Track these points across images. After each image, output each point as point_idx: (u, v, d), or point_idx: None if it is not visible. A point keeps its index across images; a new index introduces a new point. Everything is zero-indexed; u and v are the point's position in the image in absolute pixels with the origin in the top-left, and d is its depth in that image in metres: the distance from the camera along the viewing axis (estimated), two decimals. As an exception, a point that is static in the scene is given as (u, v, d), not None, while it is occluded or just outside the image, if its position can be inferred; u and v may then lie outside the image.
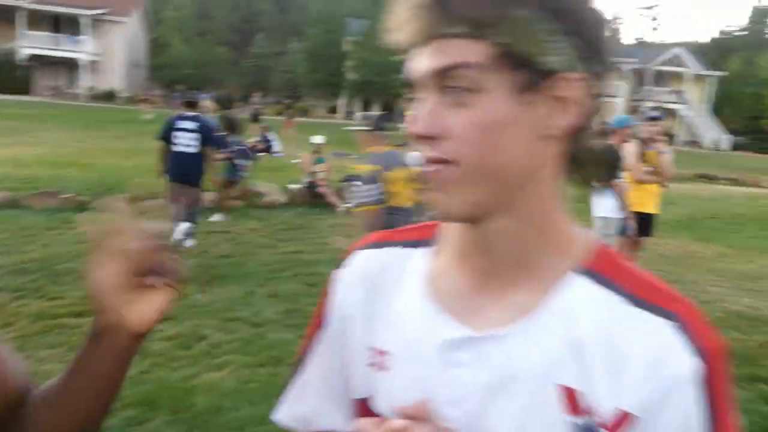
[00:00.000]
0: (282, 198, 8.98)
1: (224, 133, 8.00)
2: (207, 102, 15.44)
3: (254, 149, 13.95)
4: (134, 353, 0.72)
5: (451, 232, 0.68)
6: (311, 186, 9.11)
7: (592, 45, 0.58)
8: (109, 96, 32.97)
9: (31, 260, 5.29)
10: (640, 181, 5.36)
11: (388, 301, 0.69)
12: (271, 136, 14.65)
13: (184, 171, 6.08)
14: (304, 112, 30.90)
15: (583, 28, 0.57)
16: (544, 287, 0.62)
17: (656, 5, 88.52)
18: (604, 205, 5.20)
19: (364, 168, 3.60)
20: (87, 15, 33.76)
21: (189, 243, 6.46)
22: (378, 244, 0.74)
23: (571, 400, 0.59)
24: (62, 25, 34.43)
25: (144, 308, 0.69)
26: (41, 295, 4.50)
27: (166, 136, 6.13)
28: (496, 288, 0.64)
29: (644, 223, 5.38)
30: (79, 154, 11.00)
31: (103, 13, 34.21)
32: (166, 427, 2.90)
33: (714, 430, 0.58)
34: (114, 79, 34.89)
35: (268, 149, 14.11)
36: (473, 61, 0.55)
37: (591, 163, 0.63)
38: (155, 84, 39.33)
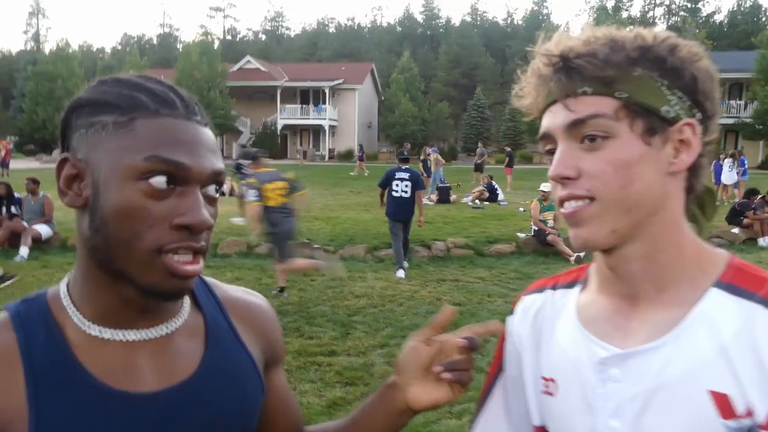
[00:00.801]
0: (510, 246, 8.90)
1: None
2: (433, 155, 16.30)
3: (479, 198, 14.23)
4: (403, 423, 0.82)
5: (595, 268, 0.78)
6: (540, 234, 8.88)
7: (700, 95, 0.68)
8: (347, 155, 36.89)
9: (291, 303, 6.01)
10: None
11: (550, 335, 0.79)
12: (495, 185, 14.78)
13: (401, 212, 7.44)
14: (519, 159, 30.62)
15: (691, 82, 0.67)
16: (683, 303, 0.68)
17: None
18: None
19: (252, 181, 6.30)
20: (327, 86, 38.61)
21: (400, 274, 7.20)
22: (539, 290, 0.85)
23: (725, 405, 0.62)
24: (309, 97, 39.91)
25: (426, 392, 0.80)
26: (300, 335, 5.07)
27: (386, 184, 7.57)
28: (639, 308, 0.71)
29: None
30: (323, 209, 12.34)
31: (340, 84, 38.86)
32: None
33: None
34: (350, 140, 38.93)
35: (493, 198, 14.25)
36: (603, 112, 0.66)
37: (708, 198, 0.74)
38: (385, 141, 42.83)
